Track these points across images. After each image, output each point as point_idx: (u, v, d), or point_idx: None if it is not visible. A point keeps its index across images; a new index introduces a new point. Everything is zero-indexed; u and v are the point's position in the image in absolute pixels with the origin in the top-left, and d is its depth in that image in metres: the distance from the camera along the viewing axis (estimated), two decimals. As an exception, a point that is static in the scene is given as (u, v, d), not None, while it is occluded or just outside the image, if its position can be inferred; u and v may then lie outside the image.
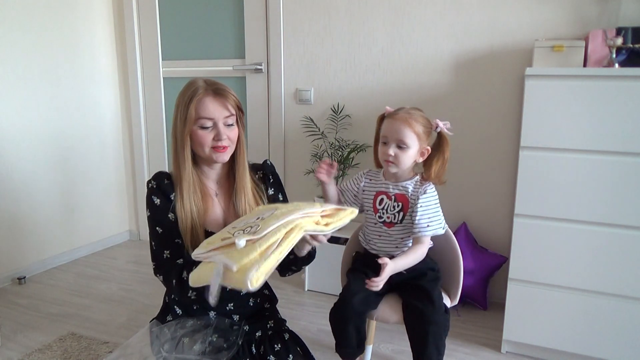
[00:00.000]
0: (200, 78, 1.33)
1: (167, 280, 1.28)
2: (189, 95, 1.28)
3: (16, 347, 1.90)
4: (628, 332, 1.66)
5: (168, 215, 1.32)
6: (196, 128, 1.29)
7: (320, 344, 1.91)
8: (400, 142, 1.36)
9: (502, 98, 2.18)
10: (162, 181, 1.34)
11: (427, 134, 1.39)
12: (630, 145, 1.56)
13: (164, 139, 3.08)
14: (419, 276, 1.43)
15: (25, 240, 2.60)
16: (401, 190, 1.42)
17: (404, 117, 1.36)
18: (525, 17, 2.09)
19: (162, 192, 1.33)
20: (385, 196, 1.43)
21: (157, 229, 1.31)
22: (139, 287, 2.49)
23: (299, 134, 2.62)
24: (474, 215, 2.32)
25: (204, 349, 1.19)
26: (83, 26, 2.82)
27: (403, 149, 1.36)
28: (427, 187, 1.40)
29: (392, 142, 1.37)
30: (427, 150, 1.40)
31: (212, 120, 1.29)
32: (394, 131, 1.36)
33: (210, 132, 1.30)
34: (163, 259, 1.29)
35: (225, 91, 1.31)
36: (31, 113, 2.56)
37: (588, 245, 1.66)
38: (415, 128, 1.35)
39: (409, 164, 1.39)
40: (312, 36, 2.51)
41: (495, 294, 2.29)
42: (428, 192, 1.39)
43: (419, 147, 1.38)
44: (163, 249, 1.30)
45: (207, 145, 1.30)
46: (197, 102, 1.27)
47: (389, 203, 1.42)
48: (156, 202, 1.32)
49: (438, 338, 1.34)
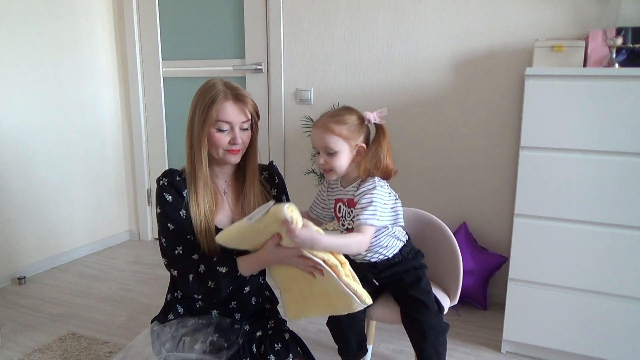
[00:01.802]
0: (219, 80, 1.35)
1: (183, 276, 1.29)
2: (210, 97, 1.30)
3: (16, 347, 1.90)
4: (628, 332, 1.66)
5: (180, 211, 1.33)
6: (213, 130, 1.31)
7: (320, 344, 1.91)
8: (327, 149, 1.31)
9: (502, 98, 2.18)
10: (174, 178, 1.35)
11: (357, 131, 1.32)
12: (631, 145, 1.56)
13: (164, 139, 3.08)
14: (400, 280, 1.40)
15: (25, 240, 2.60)
16: (350, 194, 1.37)
17: (322, 123, 1.32)
18: (525, 17, 2.09)
19: (174, 188, 1.34)
20: (341, 203, 1.40)
21: (169, 225, 1.32)
22: (139, 287, 2.49)
23: (299, 134, 2.62)
24: (474, 215, 2.32)
25: (205, 348, 1.20)
26: (83, 26, 2.82)
27: (332, 154, 1.31)
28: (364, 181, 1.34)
29: (321, 151, 1.33)
30: (362, 147, 1.33)
31: (229, 124, 1.32)
32: (318, 140, 1.33)
33: (226, 135, 1.32)
34: (176, 255, 1.31)
35: (245, 97, 1.34)
36: (31, 113, 2.56)
37: (588, 245, 1.66)
38: (336, 131, 1.29)
39: (345, 166, 1.33)
40: (312, 36, 2.51)
41: (495, 294, 2.29)
42: (361, 187, 1.32)
43: (349, 147, 1.32)
44: (175, 245, 1.31)
45: (221, 147, 1.33)
46: (218, 105, 1.29)
47: (345, 209, 1.38)
48: (168, 199, 1.33)
49: (435, 340, 1.35)
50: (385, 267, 1.40)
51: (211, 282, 1.26)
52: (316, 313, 1.34)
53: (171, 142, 3.09)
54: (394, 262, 1.41)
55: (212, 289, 1.27)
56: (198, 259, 1.30)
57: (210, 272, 1.27)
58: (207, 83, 1.35)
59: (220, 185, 1.43)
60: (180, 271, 1.30)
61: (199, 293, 1.30)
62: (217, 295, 1.29)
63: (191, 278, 1.27)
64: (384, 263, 1.40)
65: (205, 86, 1.34)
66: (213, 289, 1.27)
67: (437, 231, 1.60)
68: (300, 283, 1.30)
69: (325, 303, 1.28)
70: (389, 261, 1.40)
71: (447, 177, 2.34)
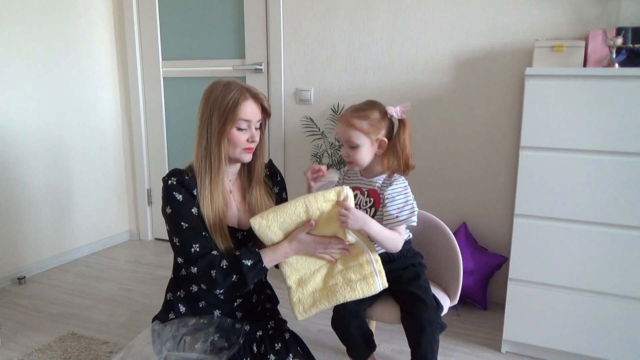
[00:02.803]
0: (230, 80, 1.38)
1: (205, 273, 1.29)
2: (232, 98, 1.33)
3: (16, 347, 1.90)
4: (628, 332, 1.66)
5: (192, 209, 1.33)
6: (234, 130, 1.34)
7: (320, 344, 1.91)
8: (349, 143, 1.38)
9: (502, 98, 2.19)
10: (183, 177, 1.36)
11: (378, 126, 1.37)
12: (631, 145, 1.56)
13: (164, 139, 3.08)
14: (398, 277, 1.41)
15: (25, 240, 2.60)
16: (372, 185, 1.42)
17: (346, 117, 1.38)
18: (525, 17, 2.09)
19: (185, 187, 1.34)
20: (359, 192, 1.44)
21: (182, 224, 1.32)
22: (139, 287, 2.49)
23: (299, 134, 2.62)
24: (474, 215, 2.32)
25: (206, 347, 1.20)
26: (83, 26, 2.82)
27: (354, 147, 1.38)
28: (394, 179, 1.39)
29: (344, 144, 1.40)
30: (383, 141, 1.38)
31: (248, 123, 1.35)
32: (342, 133, 1.40)
33: (244, 134, 1.36)
34: (192, 253, 1.31)
35: (262, 96, 1.38)
36: (31, 113, 2.56)
37: (588, 245, 1.66)
38: (357, 125, 1.35)
39: (367, 160, 1.39)
40: (312, 36, 2.51)
41: (495, 294, 2.29)
42: (394, 184, 1.38)
43: (369, 141, 1.37)
44: (191, 242, 1.31)
45: (240, 145, 1.36)
46: (241, 104, 1.33)
47: (362, 198, 1.43)
48: (178, 198, 1.33)
49: (431, 336, 1.36)
50: (385, 262, 1.41)
51: (236, 275, 1.28)
52: (327, 303, 1.37)
53: (171, 142, 3.09)
54: (393, 258, 1.43)
55: (237, 282, 1.29)
56: (219, 254, 1.32)
57: (235, 266, 1.29)
58: (219, 83, 1.36)
59: (226, 185, 1.44)
60: (201, 268, 1.30)
61: (222, 287, 1.30)
62: (244, 288, 1.31)
63: (214, 274, 1.28)
64: (384, 257, 1.41)
65: (218, 86, 1.35)
66: (238, 282, 1.29)
67: (437, 231, 1.60)
68: (322, 272, 1.38)
69: (342, 288, 1.35)
70: (388, 256, 1.42)
71: (447, 177, 2.34)
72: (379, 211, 1.39)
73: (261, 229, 1.32)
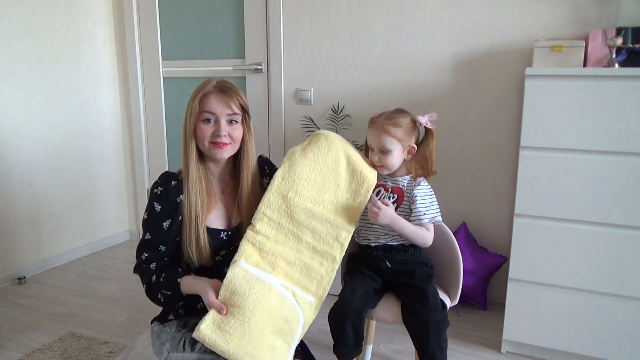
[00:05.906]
0: (215, 78, 1.38)
1: (142, 281, 1.38)
2: (197, 90, 1.34)
3: (16, 347, 1.90)
4: (628, 332, 1.66)
5: (164, 222, 1.35)
6: (199, 122, 1.33)
7: (320, 344, 1.91)
8: (382, 148, 1.45)
9: (502, 98, 2.19)
10: (170, 185, 1.36)
11: (410, 133, 1.46)
12: (631, 145, 1.56)
13: (164, 139, 3.08)
14: (412, 271, 1.44)
15: (25, 240, 2.60)
16: (397, 184, 1.48)
17: (381, 125, 1.44)
18: (525, 17, 2.09)
19: (168, 196, 1.35)
20: (382, 188, 1.49)
21: (147, 234, 1.36)
22: (139, 287, 2.46)
23: (299, 134, 2.62)
24: (474, 215, 2.32)
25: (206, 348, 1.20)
26: (83, 26, 2.82)
27: (385, 153, 1.45)
28: (420, 180, 1.47)
29: (376, 149, 1.46)
30: (413, 148, 1.47)
31: (214, 115, 1.33)
32: (375, 139, 1.46)
33: (210, 127, 1.34)
34: (141, 260, 1.37)
35: (231, 90, 1.35)
36: (31, 113, 2.56)
37: (588, 245, 1.66)
38: (393, 133, 1.42)
39: (397, 164, 1.47)
40: (312, 36, 2.51)
41: (495, 294, 2.29)
42: (422, 185, 1.46)
43: (401, 147, 1.45)
44: (143, 251, 1.37)
45: (206, 139, 1.33)
46: (201, 96, 1.32)
47: (385, 194, 1.48)
48: (157, 209, 1.35)
49: (438, 335, 1.35)
50: (399, 252, 1.46)
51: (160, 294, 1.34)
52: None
53: (171, 142, 3.09)
54: (407, 250, 1.47)
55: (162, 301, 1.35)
56: (154, 269, 1.35)
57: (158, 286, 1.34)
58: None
59: (216, 184, 1.43)
60: (140, 277, 1.38)
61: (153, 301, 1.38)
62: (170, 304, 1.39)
63: (145, 287, 1.36)
64: (399, 248, 1.46)
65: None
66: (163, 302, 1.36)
67: (437, 231, 1.60)
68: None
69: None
70: (404, 247, 1.47)
71: (447, 177, 2.34)
72: (402, 207, 1.45)
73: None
